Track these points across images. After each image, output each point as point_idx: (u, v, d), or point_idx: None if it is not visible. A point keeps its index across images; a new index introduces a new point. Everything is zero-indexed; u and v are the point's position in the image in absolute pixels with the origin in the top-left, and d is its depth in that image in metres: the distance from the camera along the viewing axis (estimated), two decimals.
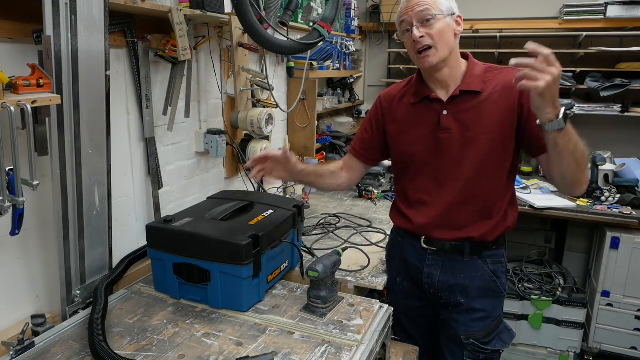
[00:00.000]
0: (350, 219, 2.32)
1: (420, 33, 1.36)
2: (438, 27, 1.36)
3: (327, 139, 3.12)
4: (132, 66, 1.61)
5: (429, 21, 1.36)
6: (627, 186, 2.83)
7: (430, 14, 1.36)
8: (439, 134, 1.45)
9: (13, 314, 1.30)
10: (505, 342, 1.56)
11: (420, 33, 1.36)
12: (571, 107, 1.14)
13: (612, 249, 2.65)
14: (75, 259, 1.37)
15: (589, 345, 2.82)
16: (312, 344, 1.21)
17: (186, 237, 1.35)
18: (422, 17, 1.36)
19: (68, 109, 1.26)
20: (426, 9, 1.35)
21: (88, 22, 1.26)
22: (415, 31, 1.36)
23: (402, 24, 1.41)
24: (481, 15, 3.27)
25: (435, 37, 1.36)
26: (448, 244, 1.50)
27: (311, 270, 1.35)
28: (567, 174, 1.29)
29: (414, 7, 1.37)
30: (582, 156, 1.26)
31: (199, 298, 1.39)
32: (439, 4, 1.37)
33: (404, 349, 1.60)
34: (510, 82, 1.38)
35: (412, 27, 1.37)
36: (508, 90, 1.39)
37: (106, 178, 1.43)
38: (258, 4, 1.78)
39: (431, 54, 1.37)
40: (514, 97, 1.39)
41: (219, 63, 2.07)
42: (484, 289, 1.51)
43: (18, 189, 1.10)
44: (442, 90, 1.46)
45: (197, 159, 2.03)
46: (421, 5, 1.36)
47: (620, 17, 2.91)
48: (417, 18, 1.36)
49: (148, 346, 1.18)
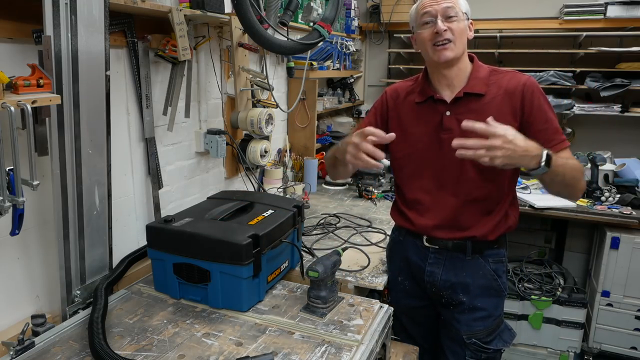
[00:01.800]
0: (350, 219, 2.32)
1: (445, 26, 1.38)
2: (459, 26, 1.41)
3: (327, 139, 3.13)
4: (132, 66, 1.61)
5: (452, 18, 1.39)
6: (627, 186, 2.83)
7: (454, 12, 1.39)
8: (441, 135, 1.46)
9: (13, 314, 1.30)
10: (506, 341, 1.56)
11: (445, 26, 1.38)
12: (549, 156, 1.21)
13: (612, 249, 2.65)
14: (75, 259, 1.37)
15: (589, 345, 2.82)
16: (312, 344, 1.21)
17: (186, 237, 1.35)
18: (446, 13, 1.39)
19: (68, 109, 1.26)
20: (452, 6, 1.40)
21: (88, 22, 1.26)
22: (440, 23, 1.38)
23: (423, 16, 1.42)
24: (481, 15, 3.27)
25: (456, 33, 1.40)
26: (450, 243, 1.51)
27: (311, 270, 1.35)
28: (561, 193, 1.43)
29: (440, 2, 1.40)
30: (573, 178, 1.34)
31: (199, 298, 1.39)
32: (460, 5, 1.42)
33: (404, 349, 1.60)
34: (513, 87, 1.42)
35: (437, 20, 1.39)
36: (511, 94, 1.42)
37: (106, 178, 1.43)
38: (258, 4, 1.78)
39: (449, 47, 1.40)
40: (517, 101, 1.41)
41: (219, 63, 2.07)
42: (485, 287, 1.52)
43: (18, 189, 1.10)
44: (447, 90, 1.47)
45: (197, 159, 2.03)
46: (447, 1, 1.40)
47: (620, 17, 2.91)
48: (442, 12, 1.39)
49: (148, 346, 1.18)
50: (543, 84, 3.03)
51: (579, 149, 3.18)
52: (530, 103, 1.40)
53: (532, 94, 1.40)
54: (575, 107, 3.06)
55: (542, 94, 1.42)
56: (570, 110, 3.06)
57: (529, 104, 1.40)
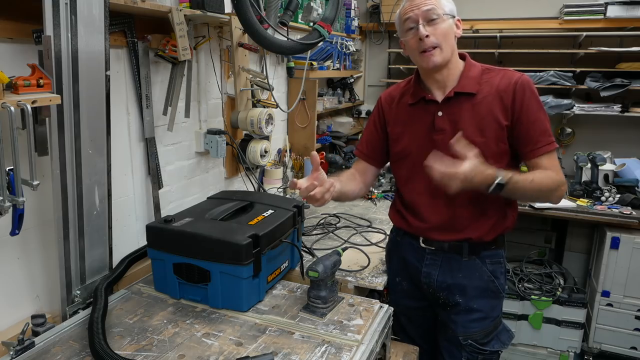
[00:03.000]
0: (350, 219, 2.32)
1: (427, 32, 1.36)
2: (442, 28, 1.37)
3: (327, 139, 3.13)
4: (132, 66, 1.61)
5: (434, 20, 1.36)
6: (627, 186, 2.83)
7: (436, 14, 1.36)
8: (433, 135, 1.45)
9: (13, 314, 1.30)
10: (504, 342, 1.56)
11: (427, 32, 1.36)
12: (500, 186, 1.29)
13: (612, 249, 2.65)
14: (75, 259, 1.37)
15: (589, 345, 2.82)
16: (312, 344, 1.21)
17: (186, 237, 1.35)
18: (427, 16, 1.36)
19: (68, 109, 1.26)
20: (432, 8, 1.36)
21: (88, 22, 1.26)
22: (422, 29, 1.35)
23: (405, 22, 1.40)
24: (481, 15, 3.27)
25: (440, 37, 1.37)
26: (447, 244, 1.50)
27: (311, 270, 1.35)
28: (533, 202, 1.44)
29: (420, 5, 1.37)
30: (539, 192, 1.38)
31: (199, 298, 1.39)
32: (442, 5, 1.38)
33: (404, 349, 1.60)
34: (505, 85, 1.41)
35: (418, 25, 1.36)
36: (502, 93, 1.40)
37: (106, 178, 1.43)
38: (258, 4, 1.78)
39: (436, 53, 1.37)
40: (508, 100, 1.40)
41: (219, 63, 2.07)
42: (482, 289, 1.51)
43: (18, 189, 1.10)
44: (439, 91, 1.46)
45: (197, 159, 2.03)
46: (427, 4, 1.36)
47: (620, 17, 2.91)
48: (423, 16, 1.36)
49: (148, 346, 1.18)
50: (543, 84, 3.04)
51: (579, 149, 3.18)
52: (521, 102, 1.38)
53: (523, 92, 1.39)
54: (575, 107, 3.06)
55: (533, 92, 1.40)
56: (570, 110, 3.06)
57: (519, 102, 1.38)
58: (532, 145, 1.39)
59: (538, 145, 1.39)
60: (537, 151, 1.39)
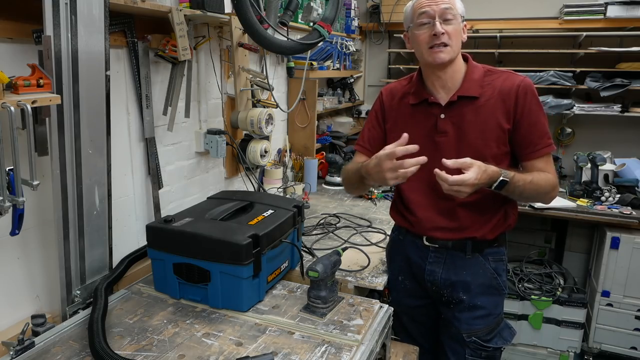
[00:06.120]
0: (350, 219, 2.32)
1: (442, 29, 1.37)
2: (455, 28, 1.39)
3: (327, 139, 3.13)
4: (132, 66, 1.61)
5: (449, 20, 1.38)
6: (627, 186, 2.83)
7: (452, 14, 1.38)
8: (435, 137, 1.46)
9: (13, 314, 1.30)
10: (506, 339, 1.57)
11: (442, 29, 1.37)
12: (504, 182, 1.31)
13: (612, 249, 2.65)
14: (75, 259, 1.37)
15: (589, 345, 2.82)
16: (312, 344, 1.21)
17: (186, 237, 1.35)
18: (444, 15, 1.37)
19: (68, 109, 1.26)
20: (449, 8, 1.38)
21: (88, 22, 1.26)
22: (439, 26, 1.36)
23: (421, 16, 1.40)
24: (481, 15, 3.28)
25: (452, 36, 1.38)
26: (450, 242, 1.51)
27: (311, 270, 1.35)
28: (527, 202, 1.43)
29: (438, 2, 1.38)
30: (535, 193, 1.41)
31: (199, 298, 1.39)
32: (457, 6, 1.40)
33: (404, 348, 1.60)
34: (508, 88, 1.42)
35: (435, 21, 1.37)
36: (505, 96, 1.42)
37: (106, 178, 1.43)
38: (258, 4, 1.78)
39: (445, 50, 1.38)
40: (510, 103, 1.42)
41: (219, 63, 2.07)
42: (485, 286, 1.52)
43: (18, 189, 1.10)
44: (441, 92, 1.47)
45: (197, 159, 2.03)
46: (445, 2, 1.38)
47: (620, 17, 2.91)
48: (440, 13, 1.37)
49: (148, 346, 1.18)
50: (543, 84, 3.04)
51: (579, 149, 3.18)
52: (523, 105, 1.40)
53: (525, 95, 1.41)
54: (575, 107, 3.06)
55: (534, 96, 1.42)
56: (570, 110, 3.07)
57: (521, 106, 1.41)
58: (532, 148, 1.42)
59: (537, 147, 1.41)
60: (535, 153, 1.42)
